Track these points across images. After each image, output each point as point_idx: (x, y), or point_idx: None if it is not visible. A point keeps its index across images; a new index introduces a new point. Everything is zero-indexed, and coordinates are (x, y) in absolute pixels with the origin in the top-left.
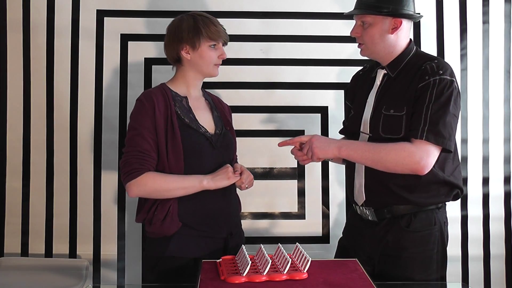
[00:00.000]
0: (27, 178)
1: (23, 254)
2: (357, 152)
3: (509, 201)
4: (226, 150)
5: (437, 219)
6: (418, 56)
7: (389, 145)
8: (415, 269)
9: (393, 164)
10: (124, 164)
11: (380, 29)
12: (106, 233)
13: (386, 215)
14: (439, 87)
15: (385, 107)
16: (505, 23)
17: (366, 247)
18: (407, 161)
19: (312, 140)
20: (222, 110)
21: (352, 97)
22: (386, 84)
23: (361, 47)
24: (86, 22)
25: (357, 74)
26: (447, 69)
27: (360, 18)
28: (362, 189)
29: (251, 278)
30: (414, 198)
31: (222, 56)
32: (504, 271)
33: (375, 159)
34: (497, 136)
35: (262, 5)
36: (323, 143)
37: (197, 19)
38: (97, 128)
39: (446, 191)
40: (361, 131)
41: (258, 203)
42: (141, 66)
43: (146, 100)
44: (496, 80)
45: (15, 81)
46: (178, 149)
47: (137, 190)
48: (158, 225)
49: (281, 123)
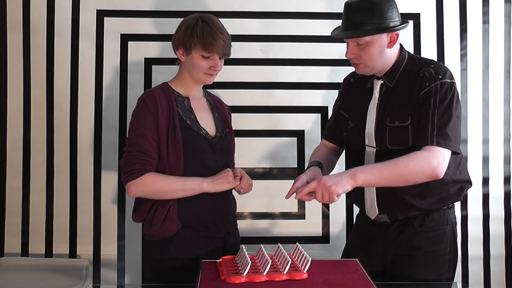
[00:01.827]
0: (27, 178)
1: (23, 254)
2: (374, 175)
3: (509, 201)
4: (226, 153)
5: (449, 219)
6: (412, 62)
7: (404, 158)
8: (428, 269)
9: (413, 176)
10: (125, 164)
11: (379, 46)
12: (106, 233)
13: (399, 216)
14: (441, 91)
15: (389, 119)
16: (505, 23)
17: (379, 248)
18: (425, 168)
19: (322, 183)
20: (223, 112)
21: (347, 107)
22: (385, 94)
23: (358, 66)
24: (86, 22)
25: (347, 81)
26: (445, 71)
27: (355, 39)
28: (374, 203)
29: (251, 278)
30: (427, 205)
31: (215, 68)
32: (504, 271)
33: (394, 176)
34: (497, 136)
35: (262, 5)
36: (335, 179)
37: (198, 25)
38: (97, 128)
39: (457, 190)
40: (366, 145)
41: (258, 203)
42: (141, 66)
43: (148, 99)
44: (496, 80)
45: (15, 81)
46: (179, 151)
47: (137, 190)
48: (158, 227)
49: (281, 123)
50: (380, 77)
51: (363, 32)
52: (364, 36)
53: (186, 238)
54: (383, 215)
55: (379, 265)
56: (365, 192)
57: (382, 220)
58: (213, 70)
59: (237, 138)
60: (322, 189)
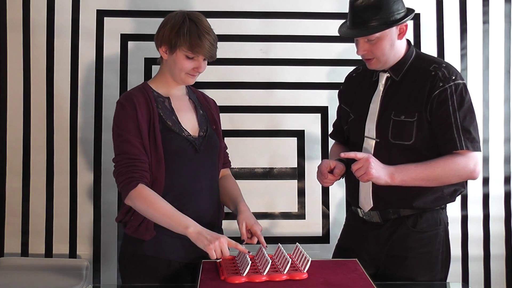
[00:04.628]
0: (27, 178)
1: (23, 254)
2: (410, 176)
3: (509, 201)
4: (211, 152)
5: (441, 219)
6: (420, 58)
7: (439, 162)
8: (421, 270)
9: (450, 179)
10: (117, 174)
11: (390, 40)
12: (106, 233)
13: (391, 216)
14: (457, 93)
15: (394, 113)
16: (505, 23)
17: (371, 249)
18: (462, 172)
19: (369, 160)
20: (208, 107)
21: (349, 100)
22: (390, 88)
23: (371, 61)
24: (86, 22)
25: (350, 76)
26: (457, 73)
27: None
28: (369, 196)
29: (251, 278)
30: (422, 204)
31: (198, 69)
32: (504, 271)
33: (430, 178)
34: (497, 136)
35: (262, 5)
36: (379, 167)
37: (186, 24)
38: (97, 128)
39: (450, 192)
40: (365, 136)
41: (258, 203)
42: (141, 66)
43: (126, 102)
44: (496, 80)
45: (15, 81)
46: (159, 154)
47: (128, 201)
48: (132, 230)
49: (281, 123)
50: (386, 70)
51: (373, 29)
52: (375, 33)
53: (161, 239)
54: (376, 212)
55: (371, 266)
56: (360, 185)
57: (374, 220)
58: (195, 71)
59: (237, 138)
60: (364, 165)
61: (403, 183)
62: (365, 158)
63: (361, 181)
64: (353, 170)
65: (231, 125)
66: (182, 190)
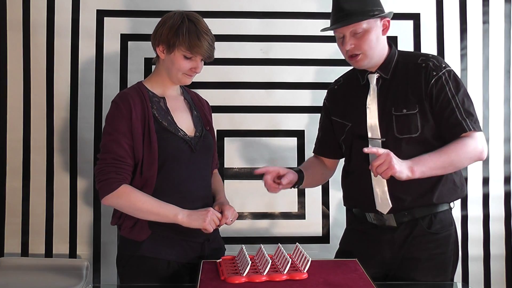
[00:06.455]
0: (27, 178)
1: (23, 254)
2: (428, 166)
3: (509, 201)
4: (206, 152)
5: (452, 220)
6: (404, 55)
7: (451, 147)
8: (434, 271)
9: (462, 162)
10: (99, 172)
11: (376, 32)
12: (106, 233)
13: (405, 218)
14: (451, 78)
15: (394, 109)
16: (505, 23)
17: (385, 252)
18: (473, 154)
19: (391, 155)
20: (201, 108)
21: (339, 111)
22: (383, 86)
23: (357, 58)
24: (86, 22)
25: (332, 89)
26: (444, 61)
27: (350, 29)
28: (386, 196)
29: (251, 278)
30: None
31: (195, 70)
32: (504, 271)
33: (446, 165)
34: (497, 136)
35: (262, 5)
36: (399, 162)
37: (184, 24)
38: (97, 128)
39: (459, 180)
40: (370, 138)
41: (258, 203)
42: (141, 66)
43: (122, 102)
44: (496, 80)
45: (15, 81)
46: (154, 155)
47: (111, 200)
48: (127, 232)
49: (281, 123)
50: (374, 71)
51: (360, 17)
52: (362, 20)
53: (159, 240)
54: (390, 215)
55: (381, 270)
56: (374, 187)
57: (388, 223)
58: (193, 71)
59: (237, 138)
60: (387, 160)
61: (423, 174)
62: (386, 153)
63: (383, 177)
64: (373, 166)
65: (231, 125)
66: (178, 189)
